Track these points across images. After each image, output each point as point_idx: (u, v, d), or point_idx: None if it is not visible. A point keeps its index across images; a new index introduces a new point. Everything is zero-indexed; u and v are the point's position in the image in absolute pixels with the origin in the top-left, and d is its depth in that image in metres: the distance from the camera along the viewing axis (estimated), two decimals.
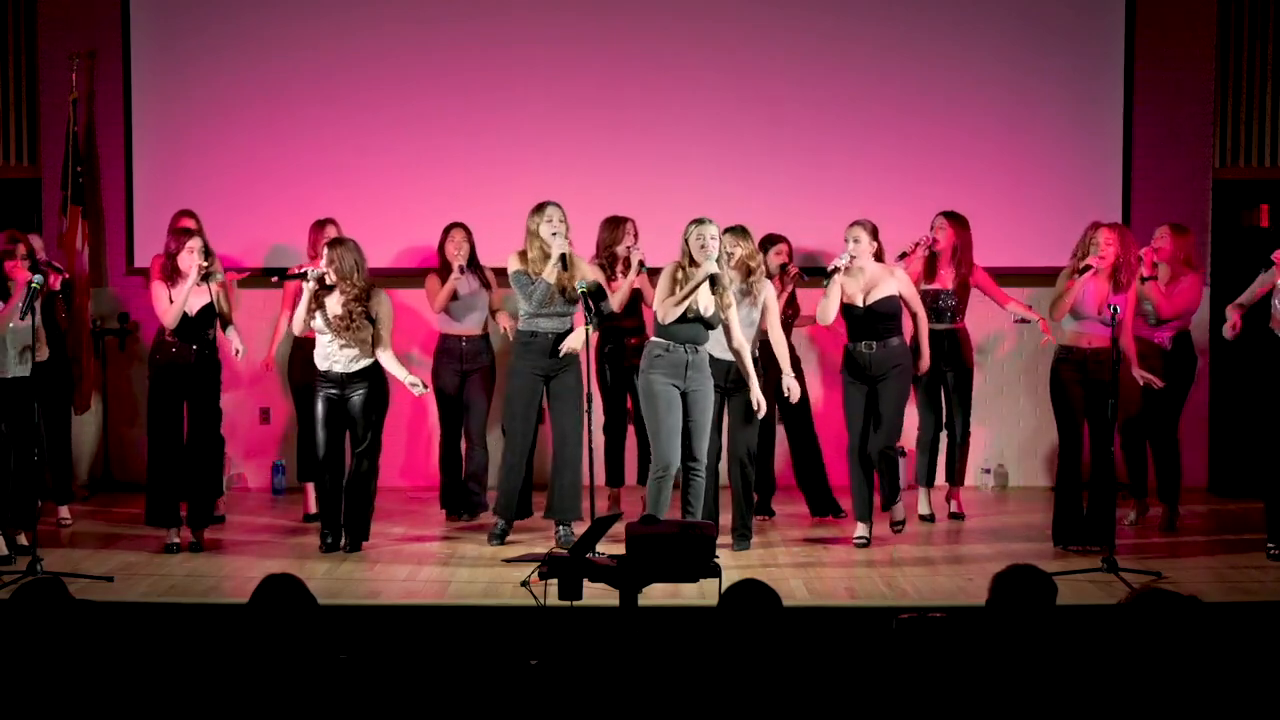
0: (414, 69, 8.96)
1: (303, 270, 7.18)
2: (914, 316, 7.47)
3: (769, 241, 7.84)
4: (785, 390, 7.14)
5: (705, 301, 6.81)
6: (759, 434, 7.33)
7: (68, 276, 8.31)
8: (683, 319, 6.80)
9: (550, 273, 7.10)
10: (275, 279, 7.75)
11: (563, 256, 7.09)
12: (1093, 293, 7.05)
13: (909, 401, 7.55)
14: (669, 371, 6.83)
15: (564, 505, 7.22)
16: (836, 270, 7.19)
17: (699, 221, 6.83)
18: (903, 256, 7.71)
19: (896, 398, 7.32)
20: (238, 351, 7.41)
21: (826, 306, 7.25)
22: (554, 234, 7.10)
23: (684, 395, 6.86)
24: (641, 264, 7.61)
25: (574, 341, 7.14)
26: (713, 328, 6.87)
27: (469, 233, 7.95)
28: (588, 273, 7.24)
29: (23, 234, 7.28)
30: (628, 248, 7.73)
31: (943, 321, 7.87)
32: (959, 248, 7.85)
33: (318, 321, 7.02)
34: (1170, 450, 7.73)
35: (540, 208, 7.19)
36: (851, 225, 7.29)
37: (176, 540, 7.16)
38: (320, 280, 6.99)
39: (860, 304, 7.25)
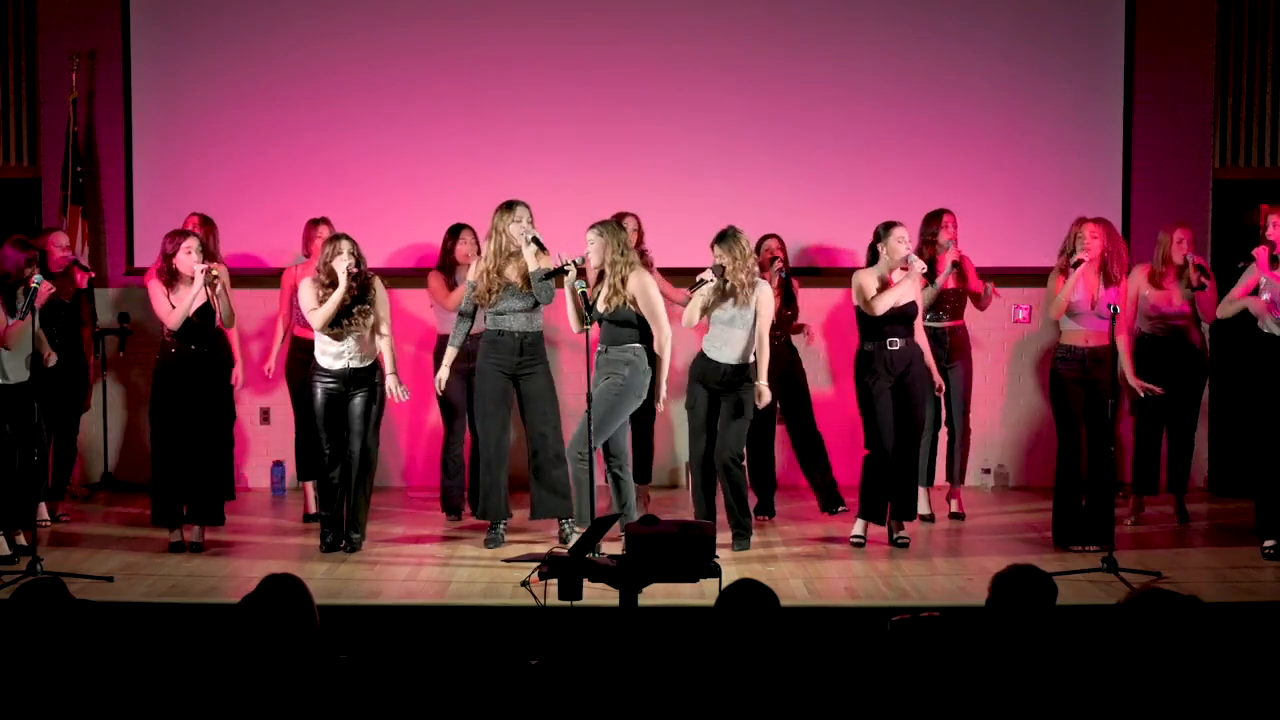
0: (414, 69, 8.96)
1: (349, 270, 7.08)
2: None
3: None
4: (756, 396, 7.09)
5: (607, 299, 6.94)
6: (759, 433, 7.28)
7: (94, 275, 8.33)
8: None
9: (533, 259, 7.03)
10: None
11: (536, 239, 7.04)
12: (1083, 288, 7.06)
13: None
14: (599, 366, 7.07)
15: (554, 506, 7.19)
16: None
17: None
18: (955, 265, 7.71)
19: (924, 395, 7.37)
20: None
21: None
22: (522, 231, 7.06)
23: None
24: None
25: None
26: (587, 321, 6.92)
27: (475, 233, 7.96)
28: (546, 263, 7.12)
29: (33, 239, 7.27)
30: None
31: (942, 319, 7.87)
32: (956, 243, 7.87)
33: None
34: (1189, 444, 7.78)
35: (510, 206, 7.16)
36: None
37: (180, 539, 7.17)
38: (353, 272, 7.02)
39: (901, 302, 7.25)
